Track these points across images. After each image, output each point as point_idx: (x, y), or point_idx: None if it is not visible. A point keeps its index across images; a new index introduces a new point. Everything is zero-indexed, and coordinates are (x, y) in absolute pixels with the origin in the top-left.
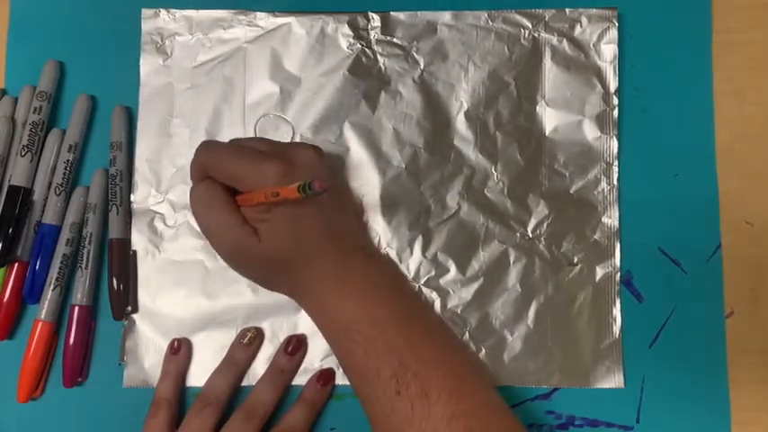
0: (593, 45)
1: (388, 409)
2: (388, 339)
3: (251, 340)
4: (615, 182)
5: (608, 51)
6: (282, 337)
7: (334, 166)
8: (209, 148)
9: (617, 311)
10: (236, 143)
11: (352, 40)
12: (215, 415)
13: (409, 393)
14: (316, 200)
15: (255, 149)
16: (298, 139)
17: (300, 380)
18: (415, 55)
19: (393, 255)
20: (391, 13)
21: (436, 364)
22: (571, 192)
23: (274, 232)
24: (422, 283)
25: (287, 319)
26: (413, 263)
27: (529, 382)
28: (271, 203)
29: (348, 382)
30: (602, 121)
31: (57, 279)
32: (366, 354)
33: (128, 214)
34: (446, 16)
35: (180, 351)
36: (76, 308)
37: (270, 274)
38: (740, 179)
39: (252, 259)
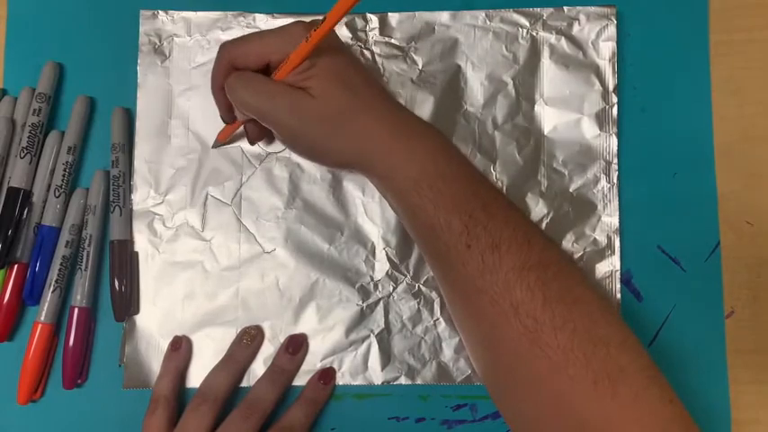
0: (592, 43)
1: (458, 263)
2: (458, 194)
3: (251, 339)
4: (615, 180)
5: (606, 49)
6: (282, 338)
7: None
8: (231, 42)
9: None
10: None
11: (350, 41)
12: (213, 411)
13: (480, 246)
14: (349, 54)
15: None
16: None
17: (301, 381)
18: (413, 55)
19: (392, 255)
20: (389, 13)
21: (505, 219)
22: (570, 190)
23: (323, 84)
24: (422, 282)
25: (287, 320)
26: (413, 263)
27: None
28: (309, 52)
29: (347, 382)
30: (601, 118)
31: (56, 281)
32: (436, 208)
33: (129, 215)
34: (444, 16)
35: (180, 348)
36: (76, 309)
37: (330, 134)
38: (740, 179)
39: (311, 119)
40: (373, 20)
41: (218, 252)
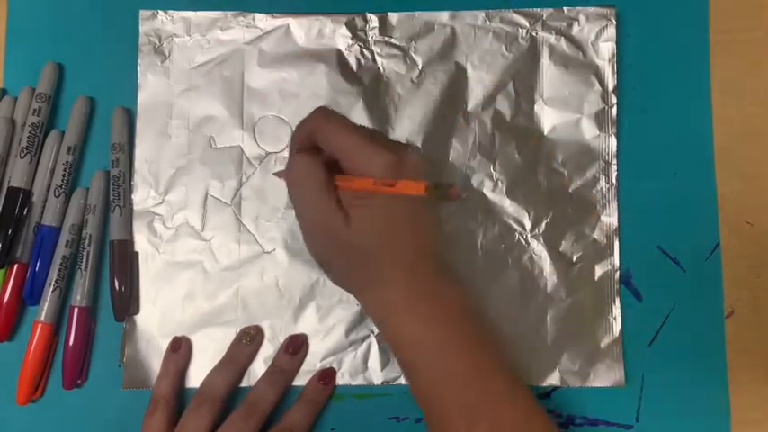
0: (591, 43)
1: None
2: (457, 371)
3: (250, 339)
4: (614, 180)
5: (606, 49)
6: (282, 338)
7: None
8: (327, 114)
9: (616, 310)
10: (352, 122)
11: (350, 41)
12: (212, 412)
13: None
14: (413, 204)
15: (373, 131)
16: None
17: (300, 381)
18: (413, 55)
19: None
20: (389, 13)
21: (507, 397)
22: (570, 191)
23: (368, 221)
24: None
25: (287, 320)
26: None
27: (529, 381)
28: (375, 191)
29: (347, 382)
30: (600, 119)
31: (56, 281)
32: (430, 385)
33: (130, 215)
34: (444, 16)
35: (180, 349)
36: (76, 309)
37: (348, 265)
38: (740, 179)
39: (336, 244)
40: (373, 19)
41: (218, 252)
